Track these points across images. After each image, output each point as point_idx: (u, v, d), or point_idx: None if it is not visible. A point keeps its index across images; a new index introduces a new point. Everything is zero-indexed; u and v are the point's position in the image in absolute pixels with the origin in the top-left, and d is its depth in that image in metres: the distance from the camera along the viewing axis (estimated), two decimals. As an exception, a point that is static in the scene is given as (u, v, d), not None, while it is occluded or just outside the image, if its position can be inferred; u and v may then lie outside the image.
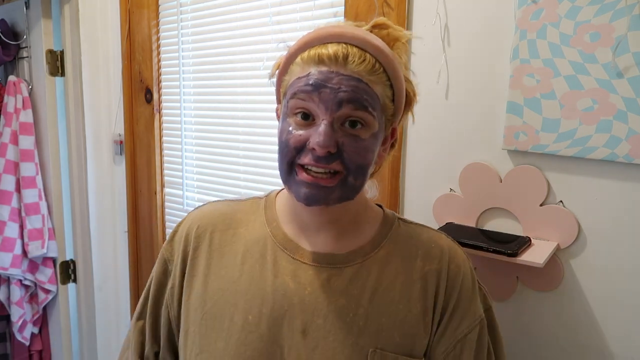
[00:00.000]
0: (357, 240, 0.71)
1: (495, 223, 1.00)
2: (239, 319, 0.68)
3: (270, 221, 0.74)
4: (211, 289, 0.71)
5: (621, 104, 0.83)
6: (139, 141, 1.68)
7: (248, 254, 0.71)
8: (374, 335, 0.66)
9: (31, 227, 1.73)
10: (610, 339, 0.91)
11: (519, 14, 0.91)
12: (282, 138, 0.63)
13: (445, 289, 0.69)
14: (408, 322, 0.67)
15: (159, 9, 1.56)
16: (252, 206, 0.77)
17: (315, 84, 0.60)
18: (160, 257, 0.79)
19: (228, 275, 0.71)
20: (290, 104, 0.62)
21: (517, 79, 0.93)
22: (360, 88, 0.60)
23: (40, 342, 1.91)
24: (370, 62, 0.61)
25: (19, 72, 1.84)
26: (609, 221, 0.89)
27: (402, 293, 0.68)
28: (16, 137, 1.73)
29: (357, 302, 0.66)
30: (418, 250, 0.71)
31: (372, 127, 0.62)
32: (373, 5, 1.08)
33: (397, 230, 0.73)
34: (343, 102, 0.59)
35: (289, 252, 0.70)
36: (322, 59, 0.61)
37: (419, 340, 0.68)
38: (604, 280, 0.90)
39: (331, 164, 0.60)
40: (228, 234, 0.74)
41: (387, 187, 1.11)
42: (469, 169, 1.01)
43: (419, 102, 1.06)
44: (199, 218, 0.77)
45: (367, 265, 0.69)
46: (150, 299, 0.79)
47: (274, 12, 1.28)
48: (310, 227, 0.71)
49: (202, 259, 0.73)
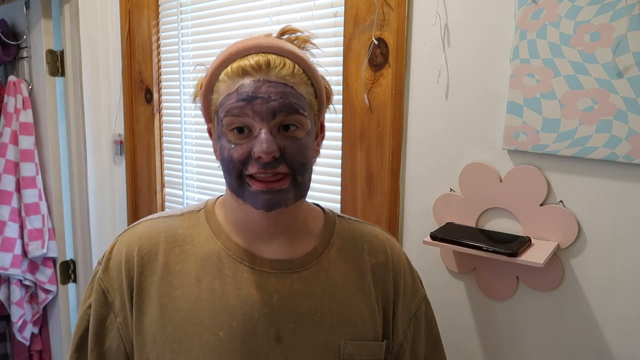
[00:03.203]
0: (308, 242, 0.74)
1: (495, 223, 1.00)
2: (209, 338, 0.66)
3: (219, 234, 0.72)
4: (169, 311, 0.68)
5: (621, 103, 0.83)
6: (139, 141, 1.68)
7: (202, 270, 0.70)
8: (341, 328, 0.70)
9: (31, 227, 1.73)
10: (610, 339, 0.91)
11: (519, 14, 0.91)
12: (224, 155, 0.65)
13: (392, 277, 0.77)
14: (365, 311, 0.73)
15: (159, 9, 1.56)
16: (191, 220, 0.75)
17: (247, 97, 0.62)
18: (97, 288, 0.72)
19: (185, 295, 0.68)
20: (225, 121, 0.64)
21: (517, 79, 0.93)
22: (288, 92, 0.64)
23: (40, 342, 1.91)
24: (290, 66, 0.65)
25: (19, 72, 1.84)
26: (609, 221, 0.89)
27: (357, 285, 0.74)
28: (16, 137, 1.73)
29: (321, 301, 0.70)
30: (363, 245, 0.77)
31: (306, 126, 0.66)
32: (373, 5, 1.08)
33: (340, 228, 0.78)
34: (276, 111, 0.63)
35: (248, 264, 0.70)
36: (246, 70, 0.64)
37: (375, 326, 0.74)
38: (604, 280, 0.90)
39: (277, 167, 0.63)
40: (174, 253, 0.71)
41: (387, 187, 1.11)
42: (469, 169, 1.01)
43: (419, 102, 1.07)
44: (138, 239, 0.72)
45: (322, 265, 0.73)
46: (91, 336, 0.72)
47: (274, 12, 1.28)
48: (263, 237, 0.71)
49: (150, 283, 0.70)
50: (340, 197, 1.20)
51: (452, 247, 0.95)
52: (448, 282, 1.08)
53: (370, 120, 1.12)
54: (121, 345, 0.72)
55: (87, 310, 0.74)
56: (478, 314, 1.05)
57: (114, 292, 0.72)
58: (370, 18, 1.09)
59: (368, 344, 0.72)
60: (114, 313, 0.72)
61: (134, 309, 0.70)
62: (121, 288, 0.71)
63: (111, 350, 0.72)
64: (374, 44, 1.09)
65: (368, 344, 0.72)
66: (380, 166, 1.12)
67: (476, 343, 1.06)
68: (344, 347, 0.70)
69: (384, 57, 1.08)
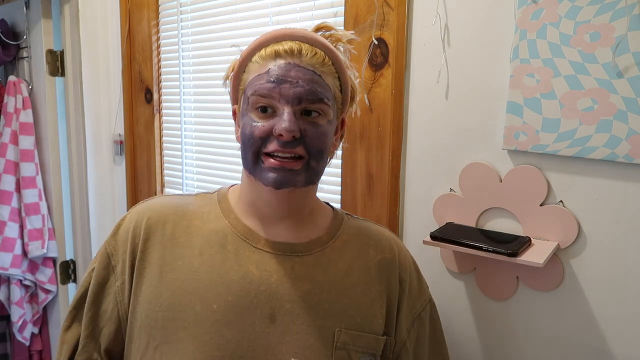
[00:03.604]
0: (314, 231, 0.76)
1: (495, 223, 1.00)
2: (202, 309, 0.68)
3: (228, 213, 0.75)
4: (167, 279, 0.70)
5: (621, 103, 0.83)
6: (139, 141, 1.68)
7: (206, 244, 0.72)
8: (338, 316, 0.71)
9: (31, 227, 1.73)
10: (610, 339, 0.91)
11: (519, 14, 0.91)
12: (246, 131, 0.68)
13: (398, 275, 0.78)
14: (366, 303, 0.74)
15: (159, 9, 1.56)
16: (204, 199, 0.79)
17: (276, 79, 0.65)
18: (102, 251, 0.76)
19: (186, 266, 0.71)
20: (251, 100, 0.67)
21: (517, 79, 0.93)
22: (315, 80, 0.67)
23: (40, 342, 1.91)
24: (321, 55, 0.69)
25: (19, 72, 1.84)
26: (609, 221, 0.89)
27: (360, 277, 0.75)
28: (16, 137, 1.73)
29: (320, 287, 0.71)
30: (370, 241, 0.78)
31: (328, 115, 0.69)
32: (373, 5, 1.08)
33: (348, 224, 0.80)
34: (302, 97, 0.66)
35: (251, 242, 0.72)
36: (279, 53, 0.67)
37: (376, 320, 0.74)
38: (604, 280, 0.90)
39: (296, 148, 0.66)
40: (182, 225, 0.74)
41: (387, 187, 1.11)
42: (469, 169, 1.01)
43: (419, 102, 1.07)
44: (148, 210, 0.76)
45: (326, 254, 0.74)
46: (90, 296, 0.75)
47: (274, 12, 1.28)
48: (270, 219, 0.74)
49: (154, 251, 0.72)
50: (340, 197, 1.20)
51: (452, 247, 0.95)
52: (448, 282, 1.08)
53: (370, 120, 1.12)
54: (115, 309, 0.74)
55: (91, 272, 0.77)
56: (478, 314, 1.05)
57: (118, 256, 0.75)
58: (370, 18, 1.09)
59: (365, 336, 0.72)
60: (115, 276, 0.75)
61: (134, 274, 0.73)
62: (125, 253, 0.74)
63: (106, 314, 0.74)
64: (374, 44, 1.09)
65: (365, 335, 0.72)
66: (380, 166, 1.12)
67: (476, 343, 1.06)
68: (338, 335, 0.70)
69: (384, 57, 1.08)
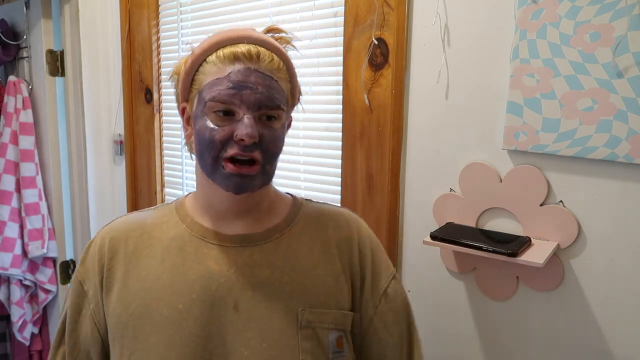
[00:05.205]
0: (272, 220, 0.77)
1: (495, 223, 1.00)
2: (169, 311, 0.70)
3: (184, 218, 0.77)
4: (133, 290, 0.72)
5: (621, 104, 0.83)
6: (139, 141, 1.68)
7: (166, 251, 0.74)
8: (301, 296, 0.72)
9: (31, 227, 1.73)
10: (610, 339, 0.91)
11: (519, 14, 0.91)
12: (205, 135, 0.68)
13: (358, 252, 0.78)
14: (329, 282, 0.74)
15: (159, 9, 1.56)
16: (162, 210, 0.81)
17: (237, 85, 0.67)
18: (75, 281, 0.79)
19: (150, 275, 0.73)
20: (210, 104, 0.68)
21: (517, 79, 0.93)
22: (273, 86, 0.68)
23: (40, 342, 1.91)
24: (276, 61, 0.70)
25: (19, 72, 1.84)
26: (609, 221, 0.89)
27: (320, 257, 0.76)
28: (16, 137, 1.73)
29: (281, 271, 0.73)
30: (328, 222, 0.79)
31: (282, 119, 0.71)
32: (373, 5, 1.08)
33: (306, 209, 0.81)
34: (261, 104, 0.67)
35: (209, 240, 0.74)
36: (237, 57, 0.68)
37: (341, 295, 0.75)
38: (604, 280, 0.90)
39: (254, 152, 0.68)
40: (143, 239, 0.76)
41: (387, 187, 1.11)
42: (469, 169, 1.01)
43: (419, 102, 1.07)
44: (110, 230, 0.78)
45: (284, 239, 0.76)
46: (68, 327, 0.78)
47: (274, 12, 1.28)
48: (227, 216, 0.75)
49: (119, 267, 0.75)
50: (340, 197, 1.20)
51: (452, 247, 0.95)
52: (448, 282, 1.08)
53: (370, 120, 1.12)
54: (95, 329, 0.76)
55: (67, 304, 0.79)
56: (478, 314, 1.05)
57: (89, 281, 0.77)
58: (370, 18, 1.09)
59: (330, 312, 0.73)
60: (88, 300, 0.77)
61: (103, 292, 0.75)
62: (94, 276, 0.76)
63: (87, 337, 0.77)
64: (374, 44, 1.09)
65: (330, 312, 0.73)
66: (380, 166, 1.12)
67: (476, 343, 1.06)
68: (302, 314, 0.71)
69: (384, 57, 1.08)
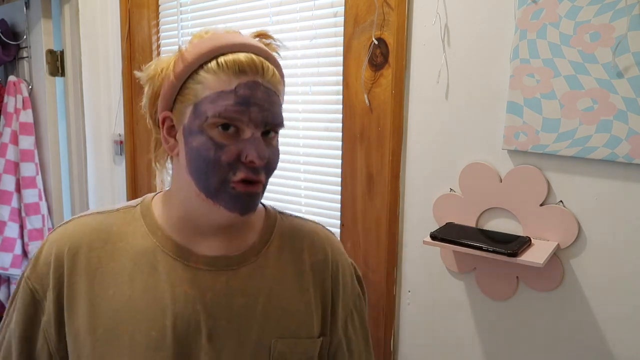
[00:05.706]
0: (248, 238, 0.73)
1: (495, 223, 1.00)
2: (140, 337, 0.66)
3: (154, 230, 0.70)
4: (101, 311, 0.67)
5: (621, 104, 0.83)
6: (139, 141, 1.67)
7: (136, 268, 0.68)
8: (274, 327, 0.70)
9: (31, 227, 1.73)
10: (610, 339, 0.91)
11: (519, 14, 0.91)
12: (208, 154, 0.62)
13: (331, 276, 0.77)
14: (302, 310, 0.73)
15: (159, 9, 1.56)
16: (126, 216, 0.72)
17: (244, 101, 0.61)
18: (24, 287, 0.71)
19: (118, 294, 0.67)
20: (212, 119, 0.61)
21: (517, 79, 0.93)
22: (275, 102, 0.64)
23: (40, 342, 1.91)
24: (275, 72, 0.65)
25: (19, 72, 1.84)
26: (609, 221, 0.89)
27: (294, 284, 0.73)
28: (16, 137, 1.73)
29: (255, 299, 0.70)
30: (303, 244, 0.76)
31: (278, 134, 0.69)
32: (373, 5, 1.08)
33: (281, 224, 0.77)
34: (268, 122, 0.63)
35: (183, 260, 0.69)
36: (243, 69, 0.62)
37: (311, 323, 0.73)
38: (604, 280, 0.90)
39: (261, 174, 0.64)
40: (106, 250, 0.69)
41: (387, 187, 1.11)
42: (469, 169, 1.01)
43: (419, 102, 1.07)
44: (67, 238, 0.70)
45: (260, 262, 0.72)
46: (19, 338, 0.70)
47: (274, 12, 1.28)
48: (205, 232, 0.69)
49: (81, 283, 0.68)
50: (340, 197, 1.20)
51: (452, 247, 0.95)
52: (448, 282, 1.08)
53: (370, 120, 1.12)
54: (45, 344, 0.70)
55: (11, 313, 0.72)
56: (478, 314, 1.05)
57: (42, 291, 0.70)
58: (370, 18, 1.09)
59: (301, 342, 0.72)
60: (42, 311, 0.70)
61: (65, 310, 0.68)
62: (48, 287, 0.69)
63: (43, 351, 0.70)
64: (374, 44, 1.09)
65: (301, 341, 0.71)
66: (380, 166, 1.12)
67: (476, 343, 1.06)
68: (275, 345, 0.69)
69: (384, 57, 1.08)
